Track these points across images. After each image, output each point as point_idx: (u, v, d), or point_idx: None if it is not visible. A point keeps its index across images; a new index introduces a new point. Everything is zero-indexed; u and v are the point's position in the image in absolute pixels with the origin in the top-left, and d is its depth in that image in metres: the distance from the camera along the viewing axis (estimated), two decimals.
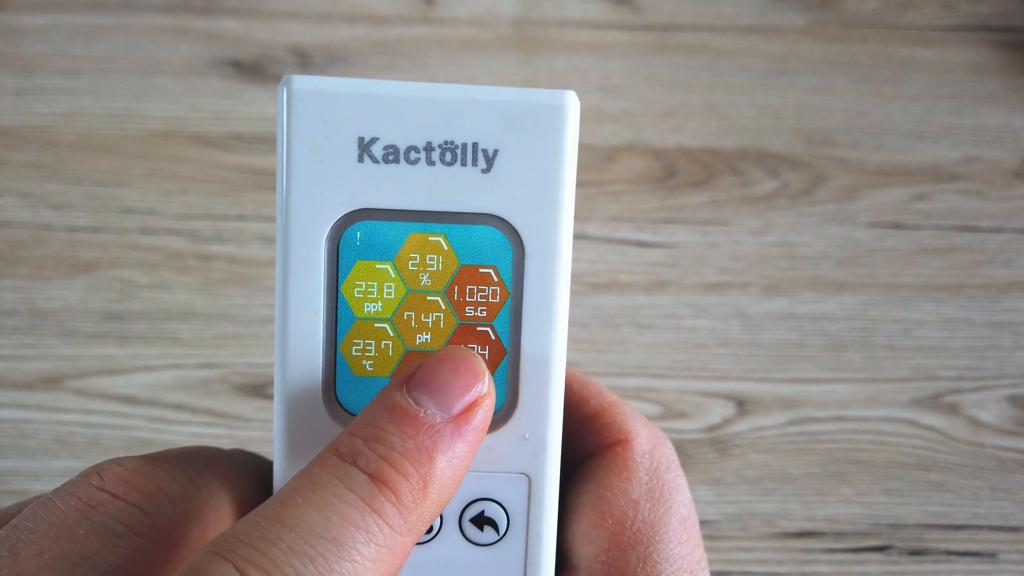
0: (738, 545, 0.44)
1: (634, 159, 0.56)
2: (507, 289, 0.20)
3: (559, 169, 0.19)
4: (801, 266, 0.52)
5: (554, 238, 0.19)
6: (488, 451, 0.20)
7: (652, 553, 0.20)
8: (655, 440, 0.22)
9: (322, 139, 0.19)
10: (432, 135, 0.19)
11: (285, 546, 0.15)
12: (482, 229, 0.19)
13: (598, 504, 0.21)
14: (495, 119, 0.19)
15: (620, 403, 0.23)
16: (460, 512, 0.20)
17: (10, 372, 0.46)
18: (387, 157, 0.19)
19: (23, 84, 0.57)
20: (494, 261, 0.19)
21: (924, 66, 0.61)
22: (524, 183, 0.19)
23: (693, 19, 0.63)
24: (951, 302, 0.52)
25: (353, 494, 0.16)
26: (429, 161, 0.19)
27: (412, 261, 0.19)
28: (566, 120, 0.19)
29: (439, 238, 0.19)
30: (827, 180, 0.56)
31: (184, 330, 0.48)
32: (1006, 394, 0.48)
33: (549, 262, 0.19)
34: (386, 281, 0.19)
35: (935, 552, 0.44)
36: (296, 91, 0.18)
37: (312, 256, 0.19)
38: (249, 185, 0.53)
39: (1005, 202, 0.55)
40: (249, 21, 0.61)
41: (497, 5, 0.63)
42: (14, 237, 0.51)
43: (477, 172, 0.19)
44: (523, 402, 0.20)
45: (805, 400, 0.48)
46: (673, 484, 0.22)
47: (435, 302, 0.20)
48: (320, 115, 0.19)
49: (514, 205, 0.19)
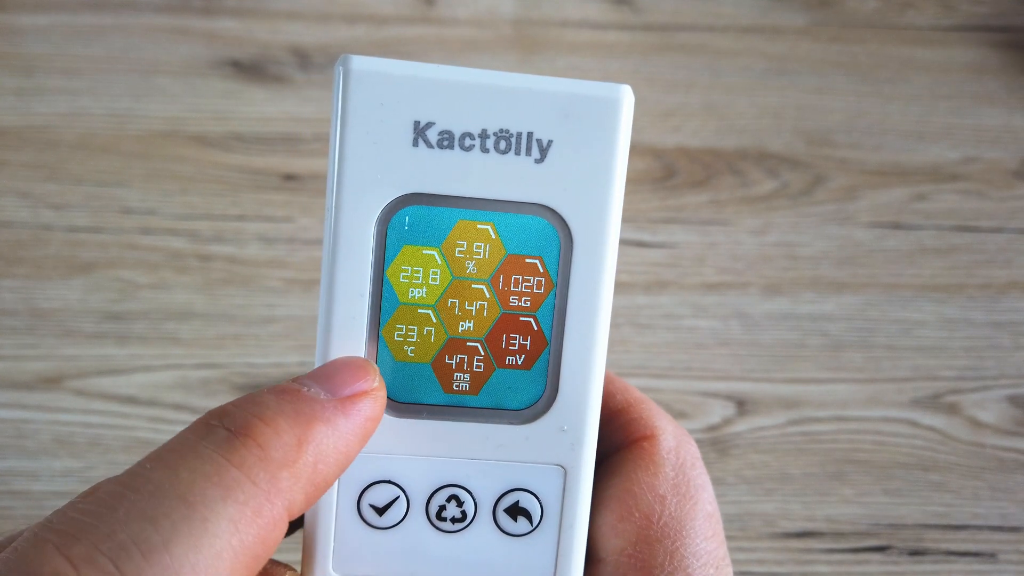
0: (738, 545, 0.44)
1: (634, 159, 0.56)
2: (552, 280, 0.20)
3: (611, 163, 0.19)
4: (801, 266, 0.52)
5: (603, 231, 0.19)
6: (526, 441, 0.20)
7: (679, 548, 0.20)
8: (680, 437, 0.22)
9: (378, 121, 0.18)
10: (488, 122, 0.19)
11: (123, 511, 0.14)
12: (531, 219, 0.19)
13: (625, 498, 0.21)
14: (551, 110, 0.19)
15: (646, 399, 0.23)
16: (495, 502, 0.20)
17: (10, 372, 0.46)
18: (442, 143, 0.19)
19: (23, 84, 0.57)
20: (541, 252, 0.19)
21: (924, 66, 0.61)
22: (576, 175, 0.19)
23: (693, 19, 0.63)
24: (951, 302, 0.52)
25: (210, 449, 0.15)
26: (483, 148, 0.19)
27: (459, 248, 0.19)
28: (620, 114, 0.19)
29: (487, 226, 0.19)
30: (827, 180, 0.56)
31: (184, 330, 0.48)
32: (1006, 394, 0.49)
33: (597, 255, 0.19)
34: (432, 267, 0.19)
35: (935, 552, 0.44)
36: (354, 72, 0.18)
37: (361, 239, 0.19)
38: (249, 185, 0.53)
39: (1005, 202, 0.55)
40: (249, 21, 0.61)
41: (497, 5, 0.63)
42: (14, 237, 0.51)
43: (530, 162, 0.19)
44: (563, 394, 0.20)
45: (805, 400, 0.48)
46: (698, 481, 0.22)
47: (480, 290, 0.20)
48: (377, 97, 0.18)
49: (565, 196, 0.19)
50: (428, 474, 0.20)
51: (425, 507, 0.20)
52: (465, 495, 0.20)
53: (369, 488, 0.20)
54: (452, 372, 0.20)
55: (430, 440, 0.20)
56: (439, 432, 0.20)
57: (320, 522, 0.20)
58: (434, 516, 0.20)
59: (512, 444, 0.20)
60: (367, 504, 0.20)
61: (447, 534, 0.20)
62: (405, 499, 0.20)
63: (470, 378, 0.20)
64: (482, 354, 0.20)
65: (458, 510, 0.20)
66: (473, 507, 0.20)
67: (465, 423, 0.20)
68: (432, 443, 0.20)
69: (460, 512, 0.20)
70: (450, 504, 0.20)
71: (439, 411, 0.20)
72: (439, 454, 0.20)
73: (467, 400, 0.20)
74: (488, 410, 0.20)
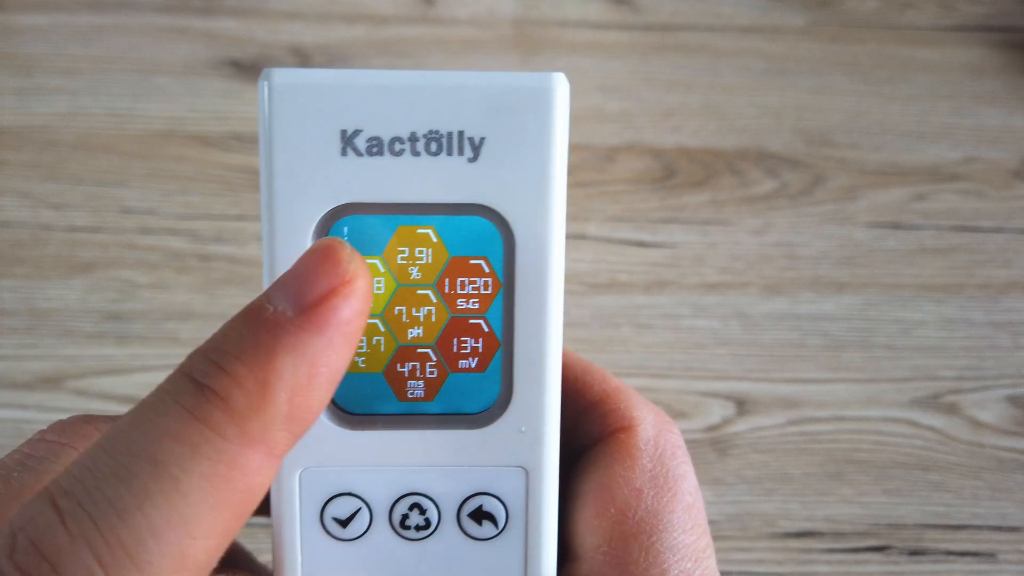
0: (738, 545, 0.44)
1: (634, 159, 0.56)
2: (499, 280, 0.19)
3: (548, 155, 0.18)
4: (801, 266, 0.52)
5: (544, 226, 0.19)
6: (484, 444, 0.20)
7: (655, 543, 0.20)
8: (660, 426, 0.22)
9: (304, 133, 0.18)
10: (416, 125, 0.18)
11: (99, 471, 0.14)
12: (471, 219, 0.19)
13: (601, 493, 0.21)
14: (480, 106, 0.18)
15: (625, 388, 0.23)
16: (458, 507, 0.20)
17: (10, 372, 0.46)
18: (371, 149, 0.18)
19: (23, 84, 0.57)
20: (485, 252, 0.19)
21: (924, 66, 0.61)
22: (512, 171, 0.18)
23: (693, 19, 0.63)
24: (951, 302, 0.52)
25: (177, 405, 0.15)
26: (414, 152, 0.18)
27: (401, 255, 0.19)
28: (554, 104, 0.18)
29: (428, 230, 0.19)
30: (827, 180, 0.56)
31: (184, 330, 0.48)
32: (1005, 394, 0.49)
33: (540, 251, 0.19)
34: (375, 276, 0.19)
35: (934, 552, 0.44)
36: (276, 86, 0.18)
37: (298, 253, 0.18)
38: (249, 185, 0.53)
39: (1005, 202, 0.56)
40: (249, 21, 0.61)
41: (497, 5, 0.63)
42: (14, 237, 0.51)
43: (463, 161, 0.18)
44: (518, 394, 0.19)
45: (805, 400, 0.48)
46: (678, 471, 0.21)
47: (426, 295, 0.19)
48: (301, 109, 0.18)
49: (502, 194, 0.19)
50: (389, 484, 0.20)
51: (388, 517, 0.20)
52: (427, 502, 0.20)
53: (331, 501, 0.20)
54: (405, 380, 0.19)
55: (388, 450, 0.19)
56: (397, 441, 0.19)
57: (285, 538, 0.20)
58: (398, 525, 0.20)
59: (471, 448, 0.19)
60: (330, 517, 0.20)
61: (413, 542, 0.20)
62: (368, 510, 0.20)
63: (424, 385, 0.20)
64: (434, 360, 0.19)
65: (421, 518, 0.20)
66: (436, 514, 0.20)
67: (422, 430, 0.19)
68: (390, 453, 0.19)
69: (424, 520, 0.20)
70: (413, 512, 0.20)
71: (395, 420, 0.19)
72: (398, 463, 0.20)
73: (422, 407, 0.20)
74: (445, 416, 0.20)
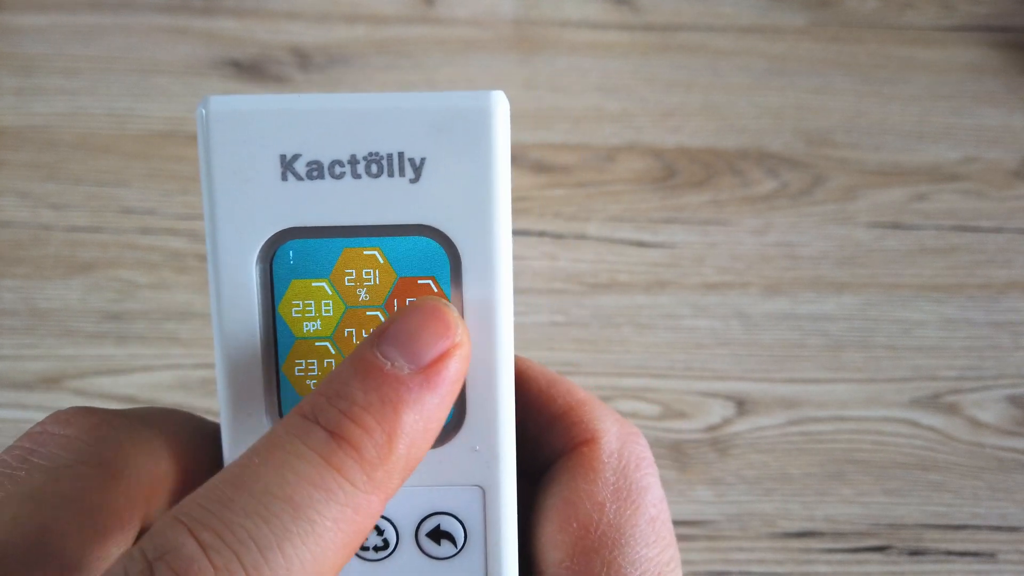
0: (737, 545, 0.44)
1: (634, 159, 0.56)
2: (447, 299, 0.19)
3: (489, 174, 0.18)
4: (801, 266, 0.52)
5: (489, 245, 0.19)
6: (439, 464, 0.19)
7: (617, 556, 0.20)
8: (625, 437, 0.22)
9: (244, 159, 0.18)
10: (355, 147, 0.18)
11: (239, 507, 0.15)
12: (417, 240, 0.19)
13: (564, 508, 0.21)
14: (419, 126, 0.18)
15: (590, 400, 0.22)
16: (416, 526, 0.20)
17: (10, 372, 0.46)
18: (311, 173, 0.18)
19: (23, 84, 0.57)
20: (432, 272, 0.19)
21: (924, 66, 0.61)
22: (454, 191, 0.18)
23: (693, 19, 0.63)
24: (951, 302, 0.52)
25: (312, 451, 0.16)
26: (355, 174, 0.18)
27: (348, 277, 0.19)
28: (493, 122, 0.18)
29: (374, 252, 0.19)
30: (827, 180, 0.56)
31: (184, 330, 0.48)
32: (1006, 394, 0.49)
33: (487, 270, 0.19)
34: (323, 299, 0.19)
35: (934, 552, 0.44)
36: (214, 113, 0.18)
37: (244, 279, 0.18)
38: None
39: (1005, 202, 0.56)
40: (249, 21, 0.61)
41: (497, 5, 0.63)
42: (14, 237, 0.51)
43: (405, 182, 0.18)
44: (471, 413, 0.19)
45: (805, 400, 0.48)
46: (642, 483, 0.21)
47: (375, 317, 0.19)
48: (240, 135, 0.18)
49: (445, 214, 0.19)
50: None
51: None
52: (384, 523, 0.20)
53: None
54: None
55: None
56: None
57: None
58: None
59: (426, 468, 0.19)
60: None
61: (372, 563, 0.20)
62: None
63: None
64: None
65: (379, 539, 0.20)
66: (395, 534, 0.20)
67: None
68: None
69: (382, 540, 0.20)
70: (371, 533, 0.20)
71: None
72: None
73: None
74: None
